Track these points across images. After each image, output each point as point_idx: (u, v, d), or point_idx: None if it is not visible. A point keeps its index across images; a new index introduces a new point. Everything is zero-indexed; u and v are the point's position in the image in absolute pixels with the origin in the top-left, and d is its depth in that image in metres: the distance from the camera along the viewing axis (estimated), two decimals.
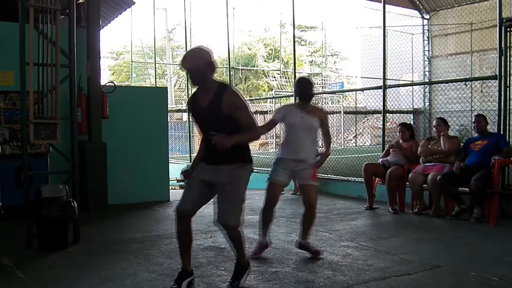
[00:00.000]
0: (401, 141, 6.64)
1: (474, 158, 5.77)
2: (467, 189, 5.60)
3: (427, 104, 16.56)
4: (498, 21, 6.03)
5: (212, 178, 3.27)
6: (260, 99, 18.67)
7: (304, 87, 4.29)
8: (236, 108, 3.20)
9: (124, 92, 7.73)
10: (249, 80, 26.47)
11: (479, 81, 11.80)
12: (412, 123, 13.89)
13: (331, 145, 4.45)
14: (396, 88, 12.65)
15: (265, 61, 27.21)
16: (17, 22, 4.53)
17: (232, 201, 3.23)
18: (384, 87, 7.85)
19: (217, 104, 3.19)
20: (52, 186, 4.84)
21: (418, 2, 16.82)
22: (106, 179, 6.79)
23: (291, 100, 10.08)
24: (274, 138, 17.16)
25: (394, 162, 6.45)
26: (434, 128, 6.38)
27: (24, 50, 4.49)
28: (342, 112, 18.49)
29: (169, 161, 8.11)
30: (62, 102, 4.73)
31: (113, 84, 7.18)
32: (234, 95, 3.24)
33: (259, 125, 3.52)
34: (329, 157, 4.52)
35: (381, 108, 7.94)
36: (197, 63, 3.18)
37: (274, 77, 22.42)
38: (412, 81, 16.59)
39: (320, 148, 4.52)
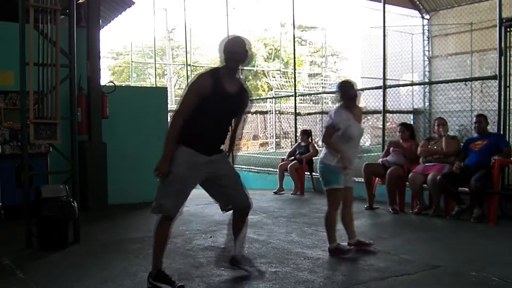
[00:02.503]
0: (400, 141, 6.65)
1: (474, 158, 5.78)
2: (467, 189, 5.60)
3: (427, 104, 16.54)
4: (498, 21, 6.03)
5: (209, 171, 3.34)
6: (260, 99, 18.63)
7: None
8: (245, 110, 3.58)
9: (124, 92, 7.74)
10: (248, 81, 26.44)
11: (479, 81, 11.79)
12: (412, 123, 13.87)
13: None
14: (396, 88, 12.64)
15: (265, 61, 27.17)
16: (17, 22, 4.53)
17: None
18: (384, 87, 7.85)
19: (244, 101, 3.45)
20: (52, 186, 4.84)
21: (418, 2, 16.80)
22: (106, 179, 6.79)
23: (291, 101, 10.07)
24: (274, 138, 17.14)
25: (394, 162, 6.45)
26: (436, 127, 6.36)
27: (24, 50, 4.49)
28: None
29: None
30: (62, 102, 4.73)
31: (113, 84, 7.18)
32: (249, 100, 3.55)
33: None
34: None
35: (381, 108, 7.94)
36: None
37: (274, 77, 22.40)
38: (412, 81, 16.57)
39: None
